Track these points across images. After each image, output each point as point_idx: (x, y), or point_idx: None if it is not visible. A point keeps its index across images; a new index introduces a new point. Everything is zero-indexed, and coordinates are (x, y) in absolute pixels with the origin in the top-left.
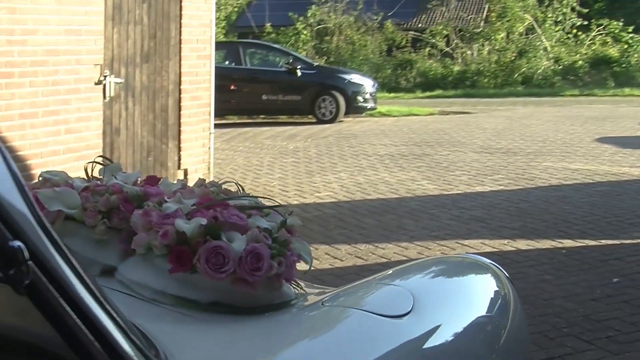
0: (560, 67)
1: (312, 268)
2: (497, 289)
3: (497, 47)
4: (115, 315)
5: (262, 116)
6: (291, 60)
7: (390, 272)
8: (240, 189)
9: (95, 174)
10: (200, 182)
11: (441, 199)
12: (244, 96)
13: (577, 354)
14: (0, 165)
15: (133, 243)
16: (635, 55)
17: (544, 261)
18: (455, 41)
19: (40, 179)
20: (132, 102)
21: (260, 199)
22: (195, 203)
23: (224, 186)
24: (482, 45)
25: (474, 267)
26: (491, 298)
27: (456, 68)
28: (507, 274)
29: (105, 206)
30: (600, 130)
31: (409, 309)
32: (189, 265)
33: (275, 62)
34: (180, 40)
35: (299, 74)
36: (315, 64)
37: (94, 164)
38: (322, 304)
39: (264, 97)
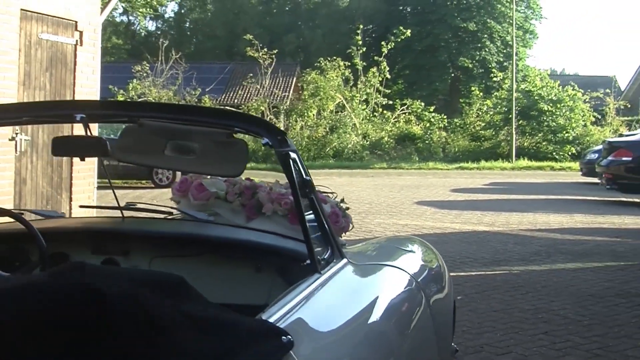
0: (368, 142)
1: None
2: (434, 251)
3: (309, 123)
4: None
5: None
6: None
7: (387, 238)
8: None
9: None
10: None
11: None
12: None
13: None
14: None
15: (264, 209)
16: (437, 132)
17: None
18: (269, 117)
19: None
20: (36, 157)
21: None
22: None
23: None
24: (295, 120)
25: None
26: (436, 254)
27: None
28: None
29: (239, 190)
30: (417, 196)
31: (417, 250)
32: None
33: (114, 130)
34: None
35: None
36: None
37: None
38: (365, 244)
39: (105, 162)
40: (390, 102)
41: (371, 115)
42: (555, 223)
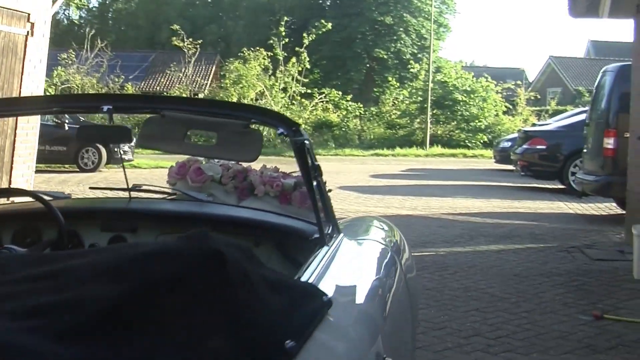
0: None
1: None
2: (394, 227)
3: None
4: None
5: None
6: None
7: (354, 218)
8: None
9: None
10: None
11: None
12: None
13: None
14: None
15: (257, 191)
16: (354, 120)
17: None
18: None
19: (196, 160)
20: None
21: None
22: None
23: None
24: None
25: (382, 220)
26: (396, 230)
27: None
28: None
29: (233, 174)
30: (338, 181)
31: (384, 227)
32: (288, 201)
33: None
34: (20, 92)
35: (66, 127)
36: (82, 118)
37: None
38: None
39: None
40: (309, 91)
41: (290, 103)
42: (474, 207)
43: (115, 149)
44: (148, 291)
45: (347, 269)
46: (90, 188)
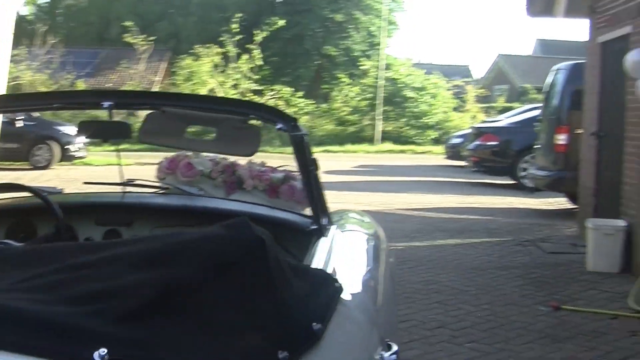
0: None
1: None
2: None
3: None
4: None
5: None
6: None
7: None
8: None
9: None
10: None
11: None
12: None
13: None
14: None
15: (245, 185)
16: (305, 117)
17: None
18: None
19: (186, 156)
20: None
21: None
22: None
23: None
24: None
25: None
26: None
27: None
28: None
29: (222, 168)
30: None
31: (364, 218)
32: (277, 194)
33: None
34: None
35: (21, 124)
36: (35, 115)
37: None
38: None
39: None
40: (260, 88)
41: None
42: (428, 203)
43: (70, 146)
44: (200, 275)
45: (345, 257)
46: (85, 183)
